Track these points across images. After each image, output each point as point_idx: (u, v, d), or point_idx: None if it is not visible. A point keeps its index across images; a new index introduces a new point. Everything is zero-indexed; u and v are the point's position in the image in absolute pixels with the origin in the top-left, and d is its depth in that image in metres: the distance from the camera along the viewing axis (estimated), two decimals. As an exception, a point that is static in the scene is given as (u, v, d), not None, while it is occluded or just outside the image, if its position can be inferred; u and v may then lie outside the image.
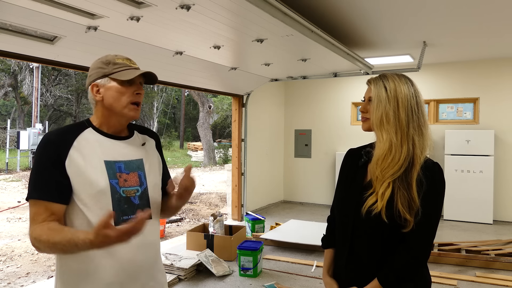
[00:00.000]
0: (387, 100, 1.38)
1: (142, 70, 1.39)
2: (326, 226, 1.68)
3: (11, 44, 2.72)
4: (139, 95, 1.39)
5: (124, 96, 1.36)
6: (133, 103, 1.38)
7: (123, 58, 1.41)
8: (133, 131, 1.50)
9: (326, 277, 1.56)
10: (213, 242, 3.97)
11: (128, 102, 1.37)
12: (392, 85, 1.39)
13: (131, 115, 1.39)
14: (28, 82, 20.40)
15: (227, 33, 3.13)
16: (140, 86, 1.41)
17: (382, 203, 1.32)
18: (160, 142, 1.63)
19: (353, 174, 1.51)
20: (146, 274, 1.40)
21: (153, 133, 1.60)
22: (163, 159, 1.60)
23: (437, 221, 1.38)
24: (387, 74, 1.45)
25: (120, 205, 1.34)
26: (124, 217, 1.34)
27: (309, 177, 7.27)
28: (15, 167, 15.57)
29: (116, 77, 1.36)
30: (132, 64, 1.41)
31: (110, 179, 1.33)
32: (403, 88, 1.39)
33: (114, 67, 1.37)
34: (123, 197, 1.35)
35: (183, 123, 30.99)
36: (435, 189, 1.36)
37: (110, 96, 1.36)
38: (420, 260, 1.36)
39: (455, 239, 4.77)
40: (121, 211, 1.34)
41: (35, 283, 4.36)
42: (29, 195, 1.29)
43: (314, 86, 7.21)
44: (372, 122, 1.42)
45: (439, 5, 3.42)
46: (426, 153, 1.39)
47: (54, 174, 1.28)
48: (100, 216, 1.29)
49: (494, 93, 5.94)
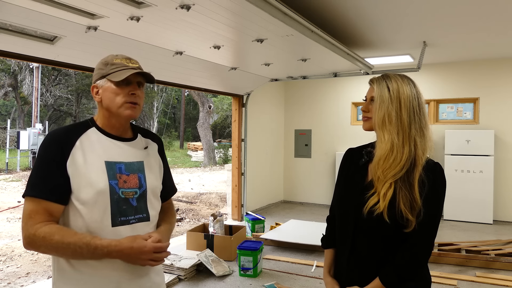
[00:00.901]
0: (390, 101, 1.38)
1: (134, 70, 1.37)
2: (325, 226, 1.68)
3: (11, 44, 2.72)
4: (134, 96, 1.38)
5: (119, 97, 1.36)
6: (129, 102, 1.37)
7: (122, 58, 1.40)
8: (137, 133, 1.51)
9: (327, 277, 1.56)
10: (213, 242, 3.97)
11: (123, 102, 1.36)
12: (395, 85, 1.40)
13: (127, 113, 1.37)
14: (28, 82, 20.40)
15: (227, 33, 3.13)
16: (137, 86, 1.39)
17: (384, 203, 1.33)
18: (163, 147, 1.63)
19: (353, 173, 1.51)
20: (143, 276, 1.40)
21: (157, 137, 1.60)
22: (166, 164, 1.60)
23: (438, 221, 1.38)
24: (390, 75, 1.45)
25: (118, 206, 1.34)
26: (122, 218, 1.34)
27: (309, 177, 7.27)
28: (15, 167, 15.57)
29: (111, 78, 1.36)
30: (131, 64, 1.40)
31: (109, 180, 1.33)
32: (405, 89, 1.39)
33: (111, 68, 1.37)
34: (122, 198, 1.35)
35: (183, 123, 30.99)
36: (437, 190, 1.37)
37: (107, 97, 1.37)
38: (422, 260, 1.37)
39: (455, 239, 4.77)
40: (119, 212, 1.34)
41: (35, 283, 4.36)
42: (27, 192, 1.27)
43: (314, 86, 7.21)
44: (374, 122, 1.42)
45: (439, 5, 3.42)
46: (427, 154, 1.39)
47: (55, 173, 1.28)
48: (98, 217, 1.30)
49: (494, 93, 5.94)
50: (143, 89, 1.45)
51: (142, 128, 1.57)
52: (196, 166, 18.40)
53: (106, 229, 1.31)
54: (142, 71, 1.40)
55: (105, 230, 1.30)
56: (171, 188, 1.63)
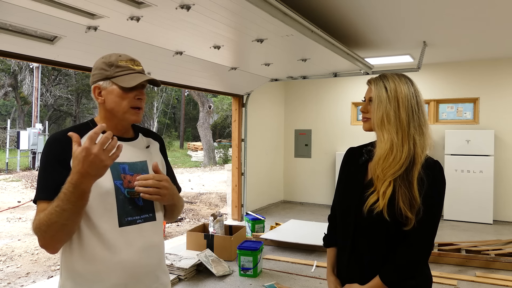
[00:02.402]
0: (388, 100, 1.39)
1: (145, 77, 1.35)
2: (327, 225, 1.68)
3: (11, 44, 2.72)
4: (140, 100, 1.37)
5: (125, 101, 1.34)
6: (134, 107, 1.36)
7: (127, 60, 1.38)
8: (138, 133, 1.50)
9: (330, 276, 1.56)
10: (213, 242, 3.97)
11: (128, 107, 1.35)
12: (392, 85, 1.40)
13: (133, 119, 1.37)
14: (28, 82, 20.41)
15: (227, 33, 3.13)
16: (142, 90, 1.38)
17: (383, 201, 1.33)
18: (164, 145, 1.61)
19: (353, 172, 1.51)
20: (150, 276, 1.39)
21: (158, 136, 1.59)
22: (168, 162, 1.59)
23: (438, 219, 1.39)
24: (387, 74, 1.46)
25: (124, 206, 1.33)
26: (128, 218, 1.33)
27: (309, 177, 7.27)
28: (15, 167, 15.57)
29: (117, 82, 1.33)
30: (136, 67, 1.38)
31: (114, 180, 1.32)
32: (403, 88, 1.40)
33: (116, 70, 1.34)
34: (127, 198, 1.34)
35: (183, 123, 30.99)
36: (436, 187, 1.37)
37: (112, 100, 1.35)
38: (422, 258, 1.37)
39: (455, 239, 4.77)
40: (125, 212, 1.33)
41: (35, 283, 4.36)
42: (37, 196, 1.26)
43: (314, 86, 7.21)
44: (373, 122, 1.43)
45: (439, 5, 3.42)
46: (427, 152, 1.40)
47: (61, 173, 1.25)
48: (104, 217, 1.28)
49: (494, 93, 5.94)
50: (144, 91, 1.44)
51: (142, 127, 1.56)
52: (196, 166, 18.41)
53: (114, 230, 1.30)
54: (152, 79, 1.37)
55: (113, 231, 1.30)
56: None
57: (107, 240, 1.28)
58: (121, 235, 1.30)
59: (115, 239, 1.29)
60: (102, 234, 1.28)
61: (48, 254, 5.23)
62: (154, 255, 1.41)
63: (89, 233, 1.28)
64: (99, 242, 1.28)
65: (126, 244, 1.31)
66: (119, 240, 1.30)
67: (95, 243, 1.28)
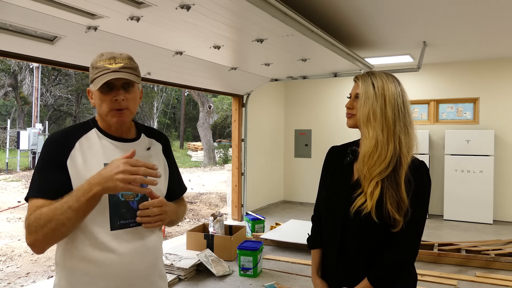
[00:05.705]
0: (375, 97, 1.38)
1: (112, 75, 1.26)
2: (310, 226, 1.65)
3: (11, 44, 2.72)
4: (118, 102, 1.28)
5: (104, 104, 1.30)
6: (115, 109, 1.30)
7: (106, 59, 1.30)
8: (141, 133, 1.45)
9: (316, 278, 1.53)
10: (213, 242, 3.97)
11: (108, 109, 1.30)
12: (380, 82, 1.40)
13: (114, 121, 1.32)
14: (28, 82, 20.40)
15: (227, 33, 3.13)
16: (121, 90, 1.30)
17: (371, 202, 1.32)
18: (169, 146, 1.55)
19: (338, 172, 1.50)
20: (143, 280, 1.36)
21: (161, 137, 1.53)
22: (173, 162, 1.54)
23: (425, 220, 1.39)
24: (375, 72, 1.46)
25: (117, 209, 1.31)
26: (121, 221, 1.31)
27: (309, 177, 7.26)
28: (15, 167, 15.57)
29: (93, 86, 1.30)
30: (114, 65, 1.28)
31: None
32: (390, 86, 1.39)
33: (94, 72, 1.30)
34: (122, 201, 1.32)
35: (183, 123, 30.98)
36: (424, 189, 1.37)
37: (96, 104, 1.33)
38: (409, 258, 1.37)
39: (455, 239, 4.77)
40: (118, 216, 1.31)
41: (35, 283, 4.36)
42: (29, 194, 1.25)
43: (314, 86, 7.21)
44: (358, 119, 1.42)
45: (439, 5, 3.42)
46: (412, 152, 1.39)
47: (56, 173, 1.25)
48: (96, 220, 1.27)
49: (494, 93, 5.94)
50: (134, 88, 1.34)
51: (147, 126, 1.51)
52: (196, 166, 18.40)
53: (106, 233, 1.28)
54: (118, 76, 1.27)
55: (105, 234, 1.28)
56: (179, 188, 1.57)
57: (99, 243, 1.27)
58: (113, 239, 1.29)
59: (107, 242, 1.28)
60: (94, 237, 1.27)
61: (48, 254, 5.23)
62: (148, 259, 1.37)
63: (82, 235, 1.27)
64: (91, 245, 1.27)
65: (118, 248, 1.29)
66: (111, 244, 1.28)
67: (88, 245, 1.27)
